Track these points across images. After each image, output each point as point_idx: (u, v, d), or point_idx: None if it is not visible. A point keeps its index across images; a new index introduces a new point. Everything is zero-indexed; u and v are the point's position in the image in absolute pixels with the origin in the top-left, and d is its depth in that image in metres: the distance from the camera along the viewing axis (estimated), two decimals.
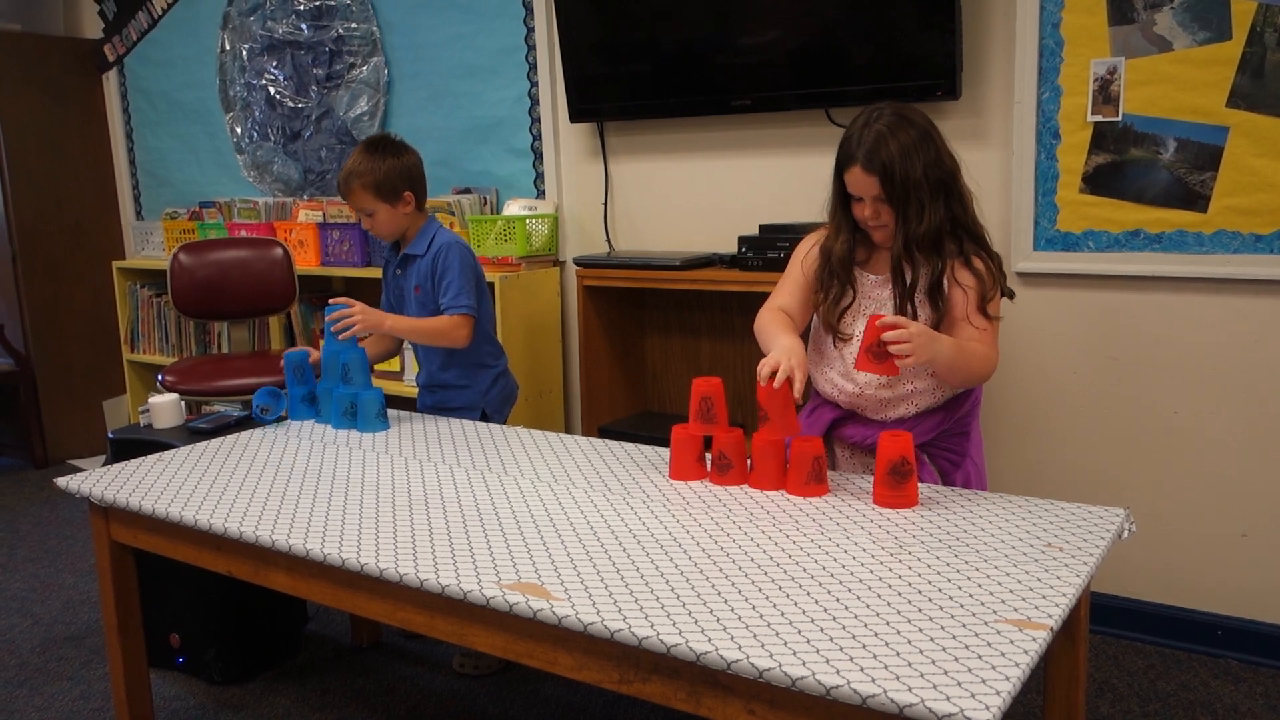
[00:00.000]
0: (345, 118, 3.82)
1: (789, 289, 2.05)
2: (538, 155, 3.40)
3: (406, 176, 2.48)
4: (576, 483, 1.87)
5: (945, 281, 1.88)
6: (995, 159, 2.60)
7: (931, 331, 1.77)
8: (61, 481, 2.00)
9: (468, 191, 3.51)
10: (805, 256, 2.05)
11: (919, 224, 1.84)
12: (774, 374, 1.71)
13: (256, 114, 4.10)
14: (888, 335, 1.69)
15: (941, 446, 2.00)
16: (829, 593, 1.35)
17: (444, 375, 2.60)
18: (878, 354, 1.73)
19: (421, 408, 2.63)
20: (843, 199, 1.94)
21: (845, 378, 1.98)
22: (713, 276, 2.80)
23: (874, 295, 1.96)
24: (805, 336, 2.06)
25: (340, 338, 2.35)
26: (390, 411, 2.37)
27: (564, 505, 1.74)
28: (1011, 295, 2.00)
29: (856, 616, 1.27)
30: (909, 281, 1.89)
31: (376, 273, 2.97)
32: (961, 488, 1.88)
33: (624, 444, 2.12)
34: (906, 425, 1.95)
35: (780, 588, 1.37)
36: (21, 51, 4.33)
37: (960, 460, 2.01)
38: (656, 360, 3.28)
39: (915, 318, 1.88)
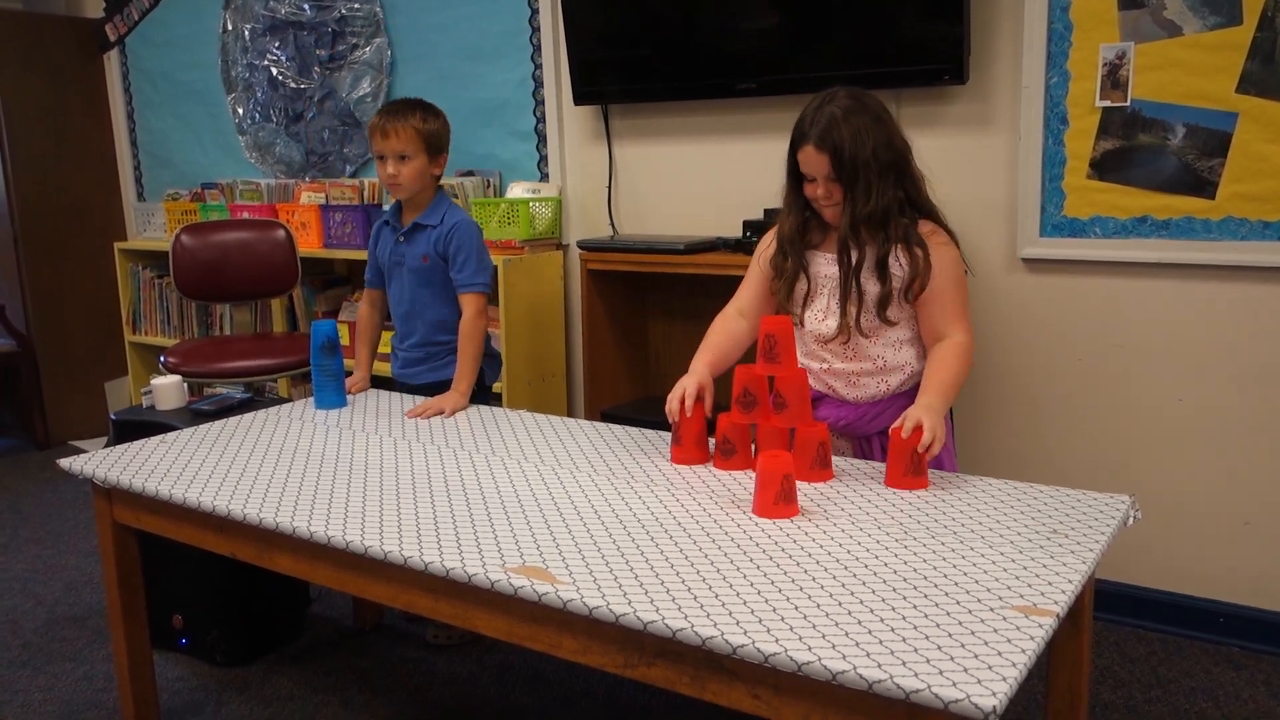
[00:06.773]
0: (348, 99, 3.80)
1: (747, 287, 2.13)
2: (541, 138, 3.38)
3: (448, 139, 2.52)
4: (579, 466, 1.86)
5: (890, 259, 1.92)
6: (1002, 144, 2.58)
7: (925, 405, 1.77)
8: (64, 462, 2.00)
9: (471, 174, 3.50)
10: (764, 253, 2.10)
11: (866, 203, 1.89)
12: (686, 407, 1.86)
13: (259, 95, 4.08)
14: (922, 443, 1.68)
15: None
16: (834, 578, 1.34)
17: (439, 336, 2.54)
18: (915, 469, 1.70)
19: (402, 372, 2.58)
20: (795, 179, 1.98)
21: (809, 357, 2.03)
22: (716, 260, 2.79)
23: (827, 273, 2.00)
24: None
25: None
26: (394, 395, 2.36)
27: (567, 488, 1.74)
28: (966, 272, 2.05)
29: (862, 602, 1.27)
30: (855, 259, 1.93)
31: None
32: (932, 468, 1.90)
33: (626, 428, 2.12)
34: (879, 407, 2.00)
35: (785, 573, 1.36)
36: (23, 31, 4.30)
37: None
38: (660, 344, 3.27)
39: (862, 294, 1.93)
